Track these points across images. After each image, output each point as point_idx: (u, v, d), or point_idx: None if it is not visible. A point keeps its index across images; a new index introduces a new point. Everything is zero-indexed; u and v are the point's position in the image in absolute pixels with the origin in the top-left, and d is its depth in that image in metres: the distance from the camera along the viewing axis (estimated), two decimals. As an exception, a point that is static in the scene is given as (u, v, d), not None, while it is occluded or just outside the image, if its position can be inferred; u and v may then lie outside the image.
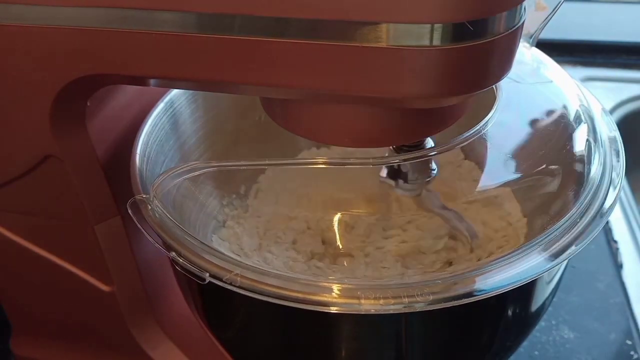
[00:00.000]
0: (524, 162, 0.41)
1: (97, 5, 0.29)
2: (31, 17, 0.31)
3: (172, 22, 0.28)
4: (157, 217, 0.35)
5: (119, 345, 0.47)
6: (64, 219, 0.40)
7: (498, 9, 0.26)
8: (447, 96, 0.29)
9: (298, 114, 0.33)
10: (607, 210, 0.34)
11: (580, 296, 0.56)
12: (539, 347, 0.52)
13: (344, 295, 0.30)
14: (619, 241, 0.62)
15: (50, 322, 0.49)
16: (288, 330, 0.37)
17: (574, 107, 0.41)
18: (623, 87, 0.82)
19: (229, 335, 0.41)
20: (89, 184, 0.39)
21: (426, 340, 0.36)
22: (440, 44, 0.26)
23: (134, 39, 0.30)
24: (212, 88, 0.37)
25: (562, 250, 0.32)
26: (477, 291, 0.30)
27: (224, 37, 0.28)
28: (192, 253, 0.33)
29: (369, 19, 0.26)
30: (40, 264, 0.43)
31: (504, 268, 0.31)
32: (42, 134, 0.35)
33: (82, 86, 0.34)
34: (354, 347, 0.36)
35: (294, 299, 0.31)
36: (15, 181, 0.39)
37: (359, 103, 0.31)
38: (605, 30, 0.90)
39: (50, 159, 0.37)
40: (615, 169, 0.37)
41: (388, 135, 0.33)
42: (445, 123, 0.33)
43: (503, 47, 0.27)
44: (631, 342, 0.52)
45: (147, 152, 0.40)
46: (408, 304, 0.30)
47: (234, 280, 0.31)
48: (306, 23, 0.26)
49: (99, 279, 0.43)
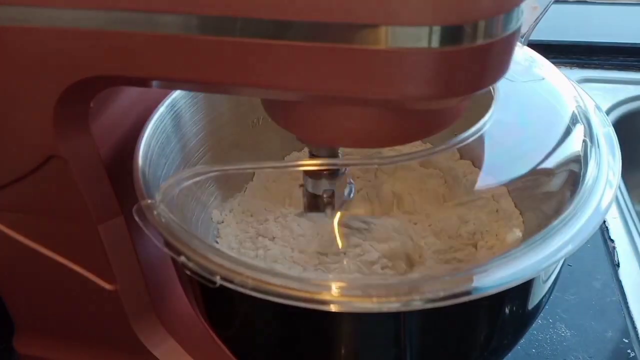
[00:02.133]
0: (521, 162, 0.41)
1: (100, 7, 0.29)
2: (35, 19, 0.31)
3: (175, 24, 0.29)
4: (164, 221, 0.35)
5: (122, 343, 0.47)
6: (67, 219, 0.40)
7: (496, 11, 0.26)
8: (445, 97, 0.29)
9: (298, 116, 0.33)
10: (604, 210, 0.34)
11: (577, 295, 0.57)
12: (536, 345, 0.53)
13: (355, 295, 0.30)
14: (616, 240, 0.62)
15: (53, 320, 0.49)
16: (291, 329, 0.37)
17: (570, 107, 0.41)
18: (619, 88, 0.82)
19: (231, 333, 0.41)
20: (92, 184, 0.39)
21: (424, 338, 0.36)
22: (439, 46, 0.26)
23: (137, 40, 0.30)
24: (213, 89, 0.37)
25: (559, 249, 0.32)
26: (475, 290, 0.30)
27: (225, 39, 0.28)
28: (202, 257, 0.33)
29: (368, 22, 0.26)
30: (44, 262, 0.43)
31: (501, 267, 0.31)
32: (45, 134, 0.35)
33: (85, 88, 0.34)
34: (356, 344, 0.37)
35: (303, 299, 0.31)
36: (19, 181, 0.39)
37: (358, 105, 0.31)
38: (601, 31, 0.90)
39: (53, 160, 0.37)
40: (611, 169, 0.37)
41: (388, 135, 0.33)
42: (444, 124, 0.33)
43: (501, 49, 0.28)
44: (628, 340, 0.53)
45: (149, 155, 0.40)
46: (407, 302, 0.30)
47: (246, 283, 0.31)
48: (306, 26, 0.27)
49: (101, 278, 0.43)
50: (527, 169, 0.41)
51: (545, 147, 0.40)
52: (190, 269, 0.33)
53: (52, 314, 0.49)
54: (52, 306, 0.48)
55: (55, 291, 0.46)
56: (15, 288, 0.48)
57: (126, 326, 0.46)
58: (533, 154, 0.40)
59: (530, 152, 0.41)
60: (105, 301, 0.44)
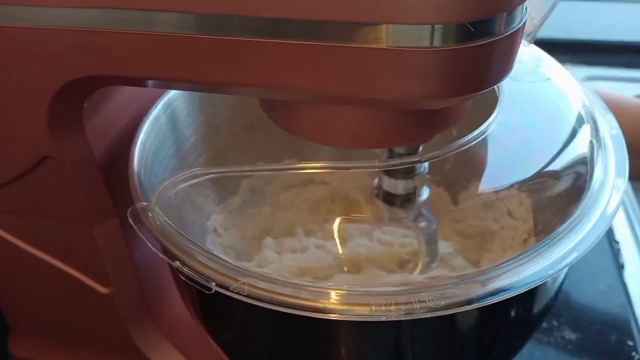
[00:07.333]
0: (526, 164, 0.40)
1: (94, 6, 0.29)
2: (28, 18, 0.31)
3: (171, 23, 0.28)
4: (159, 224, 0.34)
5: (117, 346, 0.47)
6: (62, 220, 0.40)
7: (499, 9, 0.26)
8: (447, 97, 0.29)
9: (297, 115, 0.33)
10: (610, 215, 0.34)
11: (582, 297, 0.56)
12: (541, 349, 0.52)
13: (354, 303, 0.30)
14: (621, 242, 0.62)
15: (48, 323, 0.49)
16: (287, 335, 0.37)
17: (577, 108, 0.41)
18: (625, 86, 0.81)
19: (227, 337, 0.41)
20: (86, 186, 0.39)
21: (426, 345, 0.36)
22: (441, 45, 0.25)
23: (132, 39, 0.29)
24: (210, 89, 0.37)
25: (565, 256, 0.32)
26: (477, 299, 0.30)
27: (223, 38, 0.28)
28: (197, 262, 0.33)
29: (369, 20, 0.25)
30: (38, 265, 0.43)
31: (505, 275, 0.31)
32: (39, 135, 0.35)
33: (79, 87, 0.33)
34: (354, 351, 0.36)
35: (300, 306, 0.30)
36: (13, 182, 0.39)
37: (359, 104, 0.31)
38: (607, 29, 0.90)
39: (48, 160, 0.37)
40: (618, 171, 0.37)
41: (388, 136, 0.33)
42: (446, 124, 0.33)
43: (504, 48, 0.27)
44: (633, 343, 0.53)
45: (144, 156, 0.40)
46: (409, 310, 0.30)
47: (241, 289, 0.31)
48: (306, 24, 0.26)
49: (97, 281, 0.43)
50: (532, 171, 0.40)
51: (551, 149, 0.40)
52: (185, 274, 0.32)
53: (47, 317, 0.48)
54: (47, 309, 0.48)
55: (50, 294, 0.46)
56: (10, 291, 0.48)
57: (122, 329, 0.46)
58: (538, 156, 0.40)
59: (535, 154, 0.40)
60: (101, 304, 0.44)
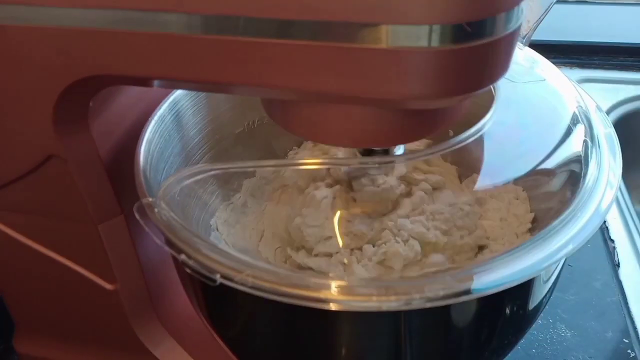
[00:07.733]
0: (521, 162, 0.41)
1: (100, 6, 0.29)
2: (35, 18, 0.31)
3: (176, 23, 0.29)
4: (164, 219, 0.35)
5: (122, 343, 0.47)
6: (67, 219, 0.40)
7: (496, 10, 0.26)
8: (445, 97, 0.29)
9: (298, 115, 0.33)
10: (604, 210, 0.34)
11: (577, 295, 0.57)
12: (536, 345, 0.53)
13: (355, 293, 0.30)
14: (616, 240, 0.62)
15: (53, 320, 0.49)
16: (291, 327, 0.37)
17: (571, 107, 0.41)
18: (620, 88, 0.82)
19: (232, 333, 0.41)
20: (91, 184, 0.39)
21: (424, 338, 0.36)
22: (439, 45, 0.26)
23: (138, 40, 0.30)
24: (214, 89, 0.37)
25: (560, 249, 0.32)
26: (475, 289, 0.30)
27: (226, 39, 0.28)
28: (202, 255, 0.33)
29: (369, 21, 0.26)
30: (44, 262, 0.43)
31: (501, 266, 0.31)
32: (45, 134, 0.35)
33: (85, 87, 0.34)
34: (356, 342, 0.37)
35: (303, 297, 0.31)
36: (19, 181, 0.39)
37: (358, 104, 0.31)
38: (602, 31, 0.90)
39: (53, 159, 0.37)
40: (612, 169, 0.37)
41: (388, 135, 0.33)
42: (445, 123, 0.33)
43: (501, 48, 0.28)
44: (628, 340, 0.53)
45: (150, 153, 0.40)
46: (407, 301, 0.30)
47: (246, 281, 0.31)
48: (307, 25, 0.27)
49: (102, 278, 0.43)
50: (527, 169, 0.40)
51: (546, 147, 0.40)
52: (191, 267, 0.33)
53: (52, 314, 0.49)
54: (52, 306, 0.48)
55: (55, 291, 0.46)
56: (15, 288, 0.48)
57: (126, 326, 0.46)
58: (533, 154, 0.40)
59: (530, 152, 0.41)
60: (105, 301, 0.44)
